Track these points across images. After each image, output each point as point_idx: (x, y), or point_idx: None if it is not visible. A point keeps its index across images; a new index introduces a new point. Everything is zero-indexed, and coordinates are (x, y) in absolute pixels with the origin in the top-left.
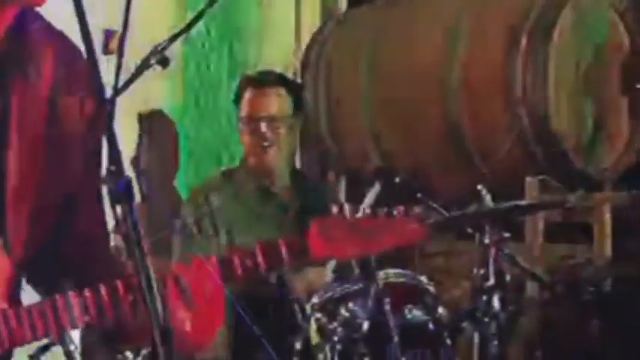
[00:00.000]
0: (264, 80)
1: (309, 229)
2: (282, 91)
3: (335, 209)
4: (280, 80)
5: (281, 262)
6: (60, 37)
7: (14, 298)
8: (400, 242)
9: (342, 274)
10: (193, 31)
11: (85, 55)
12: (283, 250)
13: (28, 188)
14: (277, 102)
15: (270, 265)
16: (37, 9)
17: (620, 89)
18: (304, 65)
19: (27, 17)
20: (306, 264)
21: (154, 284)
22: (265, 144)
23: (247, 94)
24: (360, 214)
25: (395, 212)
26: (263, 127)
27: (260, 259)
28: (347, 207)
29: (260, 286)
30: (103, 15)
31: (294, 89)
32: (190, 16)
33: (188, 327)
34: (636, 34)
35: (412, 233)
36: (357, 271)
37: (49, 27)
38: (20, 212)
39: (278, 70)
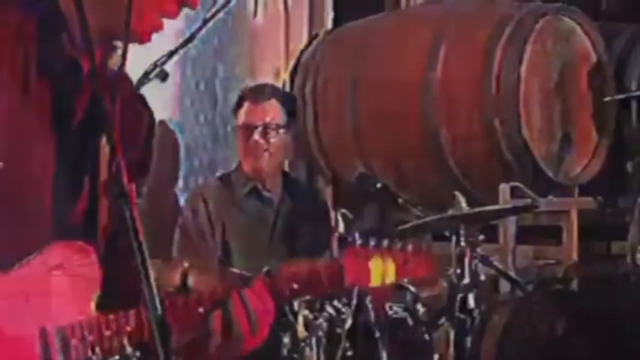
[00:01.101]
0: (260, 92)
1: (345, 257)
2: (276, 102)
3: (359, 240)
4: (274, 92)
5: (321, 288)
6: None
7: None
8: (413, 276)
9: None
10: (191, 45)
11: None
12: (324, 279)
13: None
14: (271, 112)
15: (310, 289)
16: None
17: (588, 100)
18: (292, 79)
19: None
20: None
21: (153, 283)
22: (259, 150)
23: (244, 105)
24: (384, 245)
25: (409, 247)
26: (257, 134)
27: (304, 284)
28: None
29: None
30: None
31: (286, 101)
32: (188, 33)
33: (244, 347)
34: (601, 48)
35: (424, 268)
36: None
37: None
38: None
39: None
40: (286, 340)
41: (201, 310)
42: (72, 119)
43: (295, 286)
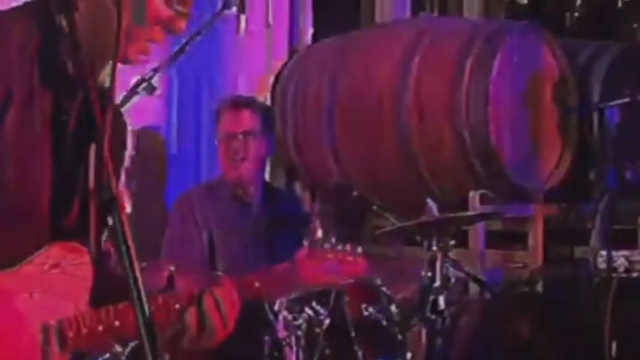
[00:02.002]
0: (238, 103)
1: (298, 257)
2: (252, 111)
3: (306, 243)
4: (251, 103)
5: (284, 285)
6: None
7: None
8: (355, 275)
9: None
10: (177, 60)
11: None
12: (282, 277)
13: None
14: (248, 121)
15: (271, 287)
16: None
17: (553, 112)
18: (274, 91)
19: None
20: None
21: (141, 286)
22: (238, 157)
23: (224, 115)
24: (327, 247)
25: (347, 248)
26: (236, 143)
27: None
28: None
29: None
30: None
31: (263, 110)
32: (175, 48)
33: (216, 342)
34: (564, 62)
35: (362, 269)
36: None
37: None
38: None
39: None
40: (267, 339)
41: (177, 306)
42: (67, 128)
43: (257, 284)
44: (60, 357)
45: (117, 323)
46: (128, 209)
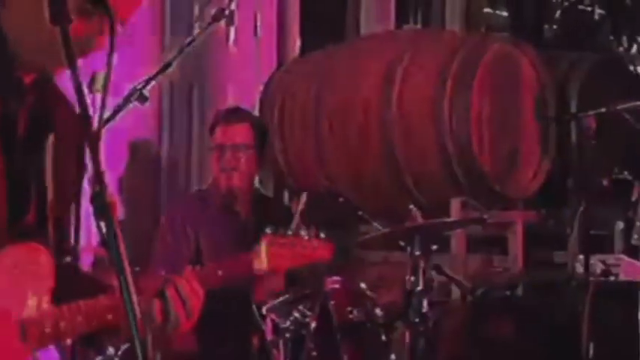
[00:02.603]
0: (232, 115)
1: (259, 246)
2: (246, 124)
3: (269, 230)
4: (245, 116)
5: (245, 272)
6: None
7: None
8: (319, 259)
9: (293, 281)
10: (168, 72)
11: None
12: (244, 263)
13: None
14: (241, 133)
15: (235, 274)
16: None
17: (532, 121)
18: (262, 100)
19: None
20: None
21: (133, 291)
22: (230, 168)
23: (218, 127)
24: (290, 234)
25: (312, 235)
26: (229, 154)
27: (228, 269)
28: (282, 229)
29: (225, 292)
30: (90, 58)
31: (256, 123)
32: (166, 60)
33: (182, 330)
34: (543, 73)
35: (327, 252)
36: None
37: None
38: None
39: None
40: (256, 341)
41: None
42: (16, 134)
43: (220, 272)
44: (24, 356)
45: (80, 320)
46: (120, 216)
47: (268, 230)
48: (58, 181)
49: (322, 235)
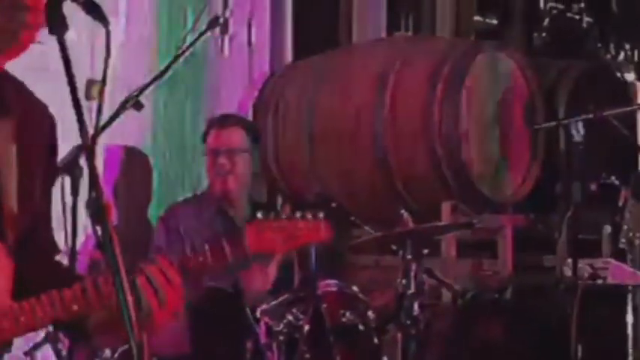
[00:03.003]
0: (226, 121)
1: (246, 230)
2: (240, 129)
3: (260, 215)
4: (239, 120)
5: (225, 257)
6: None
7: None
8: (314, 239)
9: (286, 286)
10: (162, 79)
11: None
12: (226, 248)
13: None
14: (235, 138)
15: (216, 260)
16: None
17: (521, 127)
18: (256, 106)
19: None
20: (246, 259)
21: (128, 294)
22: (224, 172)
23: (212, 132)
24: (284, 217)
25: (308, 216)
26: (223, 158)
27: (209, 255)
28: (272, 214)
29: (219, 295)
30: (86, 67)
31: (249, 128)
32: (160, 68)
33: (158, 322)
34: (532, 80)
35: (322, 232)
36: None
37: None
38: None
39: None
40: (250, 345)
41: (110, 289)
42: None
43: (201, 258)
44: None
45: (40, 314)
46: (115, 221)
47: (259, 215)
48: (20, 182)
49: (320, 215)
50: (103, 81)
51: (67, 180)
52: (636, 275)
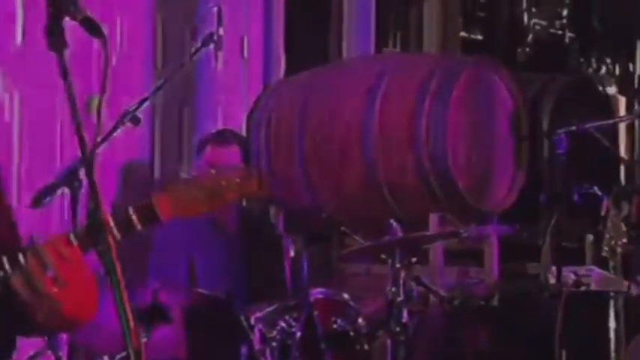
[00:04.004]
0: (222, 137)
1: (157, 195)
2: (237, 146)
3: (183, 174)
4: (235, 137)
5: (133, 226)
6: None
7: None
8: (241, 195)
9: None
10: (160, 94)
11: None
12: (134, 217)
13: None
14: (232, 155)
15: (123, 230)
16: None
17: (506, 139)
18: (249, 120)
19: None
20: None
21: (128, 303)
22: None
23: (208, 148)
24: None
25: (235, 170)
26: None
27: (113, 225)
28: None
29: (213, 302)
30: (85, 82)
31: (244, 144)
32: (158, 83)
33: (62, 302)
34: (516, 93)
35: (251, 186)
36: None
37: None
38: None
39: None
40: (244, 351)
41: (0, 273)
42: None
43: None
44: None
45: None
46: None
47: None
48: None
49: (251, 168)
50: (102, 95)
51: (67, 192)
52: (618, 282)
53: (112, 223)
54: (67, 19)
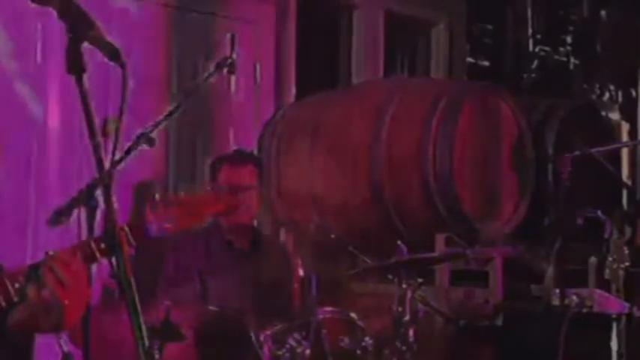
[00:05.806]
0: (239, 158)
1: (146, 214)
2: (252, 166)
3: (158, 196)
4: (251, 158)
5: (128, 241)
6: None
7: None
8: (214, 211)
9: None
10: (175, 116)
11: None
12: (129, 234)
13: None
14: (248, 175)
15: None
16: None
17: (511, 163)
18: (260, 142)
19: None
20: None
21: (142, 319)
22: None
23: (224, 168)
24: (182, 194)
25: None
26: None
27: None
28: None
29: (224, 319)
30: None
31: (259, 164)
32: (172, 106)
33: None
34: (521, 118)
35: (220, 203)
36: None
37: None
38: None
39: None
40: None
41: (17, 285)
42: None
43: (102, 245)
44: None
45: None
46: (131, 251)
47: (157, 196)
48: None
49: (220, 189)
50: (120, 118)
51: (83, 211)
52: (620, 304)
53: (129, 238)
54: (85, 44)
